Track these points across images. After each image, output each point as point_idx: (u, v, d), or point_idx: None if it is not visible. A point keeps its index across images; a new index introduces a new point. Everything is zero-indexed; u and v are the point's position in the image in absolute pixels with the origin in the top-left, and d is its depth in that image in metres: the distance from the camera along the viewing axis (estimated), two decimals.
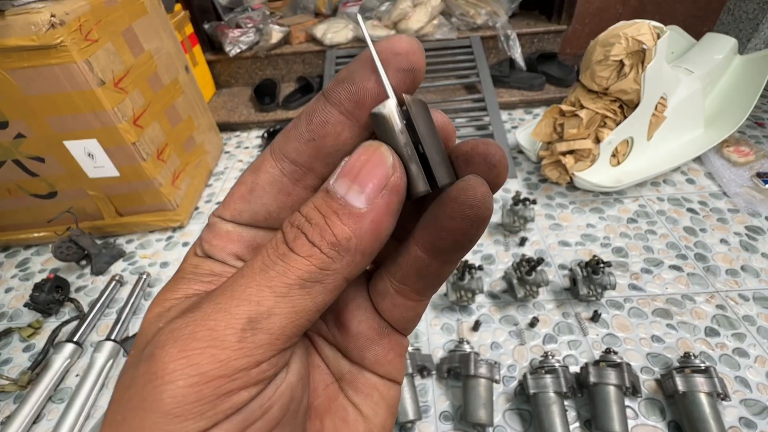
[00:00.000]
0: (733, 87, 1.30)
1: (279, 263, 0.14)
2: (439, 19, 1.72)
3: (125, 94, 0.98)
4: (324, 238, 0.14)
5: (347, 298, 0.18)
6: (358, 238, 0.14)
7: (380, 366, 0.18)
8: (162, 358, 0.12)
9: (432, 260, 0.16)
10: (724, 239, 1.03)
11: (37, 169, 1.04)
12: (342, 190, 0.14)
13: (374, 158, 0.15)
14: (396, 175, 0.15)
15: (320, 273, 0.14)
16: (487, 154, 0.16)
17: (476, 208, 0.14)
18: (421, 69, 0.16)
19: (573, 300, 0.91)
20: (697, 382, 0.70)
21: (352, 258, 0.14)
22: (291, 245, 0.14)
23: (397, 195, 0.15)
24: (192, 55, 1.69)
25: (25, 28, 0.81)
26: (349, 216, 0.14)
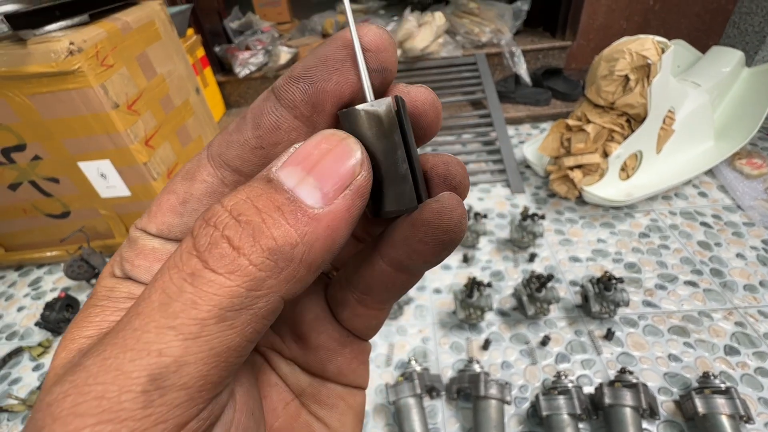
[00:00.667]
0: (742, 99, 1.29)
1: (186, 290, 0.10)
2: (444, 38, 1.75)
3: (138, 116, 1.01)
4: (258, 242, 0.11)
5: (303, 308, 0.16)
6: (307, 245, 0.11)
7: (344, 376, 0.17)
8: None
9: (398, 274, 0.15)
10: (740, 254, 1.00)
11: (51, 190, 1.07)
12: (291, 181, 0.11)
13: (339, 149, 0.12)
14: (363, 175, 0.12)
15: (247, 296, 0.10)
16: (447, 175, 0.14)
17: (451, 233, 0.13)
18: (393, 69, 0.13)
19: (585, 317, 0.89)
20: (719, 403, 0.68)
21: (293, 272, 0.11)
22: (204, 257, 0.11)
23: (362, 199, 0.12)
24: (203, 77, 1.74)
25: (45, 56, 0.84)
26: (299, 215, 0.11)
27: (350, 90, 0.13)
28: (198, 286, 0.10)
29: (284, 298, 0.11)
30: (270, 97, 0.13)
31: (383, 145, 0.13)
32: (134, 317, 0.10)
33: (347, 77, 0.13)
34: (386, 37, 0.13)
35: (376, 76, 0.13)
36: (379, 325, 0.17)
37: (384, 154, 0.13)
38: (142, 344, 0.10)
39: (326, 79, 0.13)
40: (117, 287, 0.13)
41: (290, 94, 0.13)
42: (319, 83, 0.13)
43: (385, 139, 0.13)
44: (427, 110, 0.14)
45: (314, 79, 0.13)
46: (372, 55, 0.13)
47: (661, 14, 1.68)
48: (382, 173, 0.13)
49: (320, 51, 0.13)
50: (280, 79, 0.13)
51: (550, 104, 1.67)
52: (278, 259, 0.11)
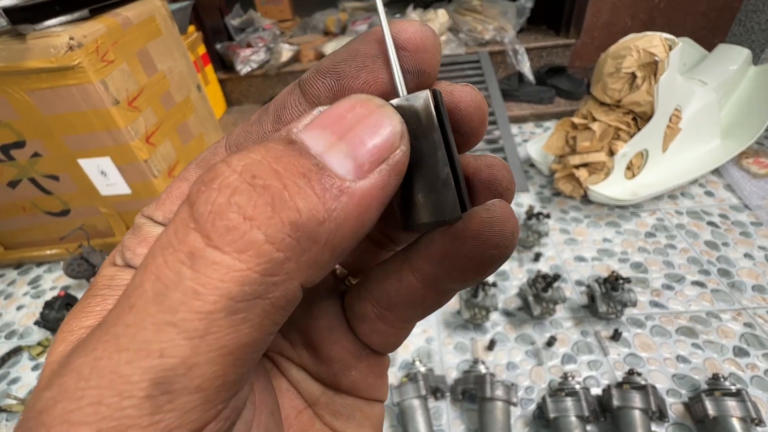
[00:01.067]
0: (749, 98, 1.28)
1: (185, 276, 0.08)
2: (447, 35, 1.73)
3: (138, 113, 1.00)
4: (279, 213, 0.09)
5: (317, 315, 0.15)
6: (336, 224, 0.09)
7: (359, 390, 0.15)
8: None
9: (429, 292, 0.13)
10: (748, 254, 0.99)
11: (51, 187, 1.05)
12: (318, 145, 0.10)
13: (377, 116, 0.10)
14: (402, 150, 0.10)
15: (262, 282, 0.09)
16: (492, 180, 0.12)
17: (502, 247, 0.11)
18: (432, 72, 0.12)
19: (592, 318, 0.88)
20: (729, 406, 0.67)
21: (317, 255, 0.09)
22: (206, 230, 0.09)
23: (398, 178, 0.10)
24: (204, 74, 1.72)
25: (45, 51, 0.83)
26: (329, 186, 0.09)
27: (380, 90, 0.12)
28: (199, 271, 0.08)
29: (304, 286, 0.10)
30: (295, 90, 0.12)
31: (421, 145, 0.11)
32: (126, 310, 0.09)
33: (377, 76, 0.11)
34: (428, 36, 0.11)
35: (410, 78, 0.12)
36: (400, 342, 0.15)
37: (422, 156, 0.11)
38: (139, 343, 0.08)
39: (354, 77, 0.11)
40: (118, 276, 0.12)
41: (315, 89, 0.12)
42: (346, 80, 0.11)
43: (423, 138, 0.11)
44: (472, 113, 0.12)
45: (341, 75, 0.11)
46: (408, 55, 0.11)
47: (667, 12, 1.67)
48: (419, 178, 0.12)
49: (352, 45, 0.12)
50: (308, 72, 0.12)
51: (553, 102, 1.65)
52: (301, 237, 0.09)
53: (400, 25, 0.11)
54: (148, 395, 0.08)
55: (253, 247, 0.08)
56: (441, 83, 0.13)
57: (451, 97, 0.12)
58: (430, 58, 0.12)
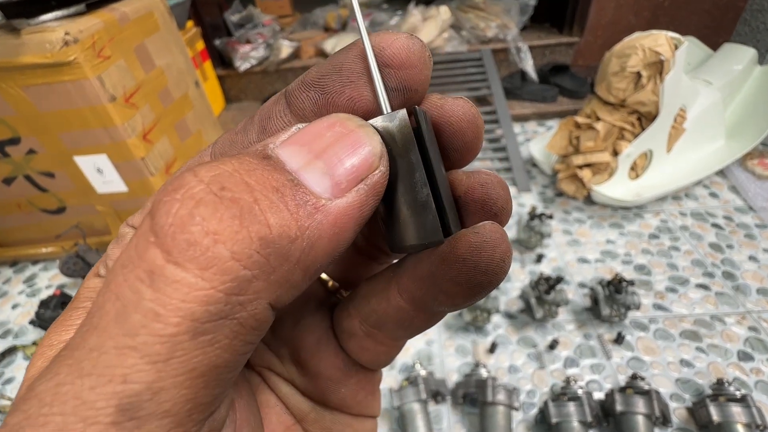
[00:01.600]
0: (754, 98, 1.26)
1: (144, 297, 0.08)
2: (450, 33, 1.71)
3: (136, 110, 0.98)
4: (247, 227, 0.08)
5: (304, 329, 0.14)
6: (309, 242, 0.09)
7: (348, 407, 0.15)
8: None
9: (417, 314, 0.13)
10: (752, 256, 0.98)
11: (47, 185, 1.04)
12: (294, 161, 0.09)
13: (356, 135, 0.10)
14: (381, 170, 0.10)
15: (228, 301, 0.08)
16: (486, 200, 0.11)
17: (491, 274, 0.11)
18: (420, 89, 0.11)
19: (594, 320, 0.87)
20: (734, 411, 0.66)
21: (287, 274, 0.09)
22: (166, 245, 0.08)
23: (375, 199, 0.10)
24: (203, 71, 1.70)
25: (40, 46, 0.82)
26: (303, 203, 0.09)
27: (364, 108, 0.11)
28: (159, 290, 0.08)
29: (274, 307, 0.09)
30: (281, 100, 0.12)
31: (398, 166, 0.11)
32: (89, 332, 0.08)
33: (362, 93, 0.11)
34: (415, 50, 0.11)
35: (396, 96, 0.11)
36: (390, 359, 0.15)
37: (400, 178, 0.11)
38: (102, 368, 0.08)
39: (338, 92, 0.11)
40: None
41: (300, 102, 0.11)
42: (330, 95, 0.11)
43: (399, 158, 0.11)
44: (465, 128, 0.12)
45: (326, 90, 0.11)
46: (393, 73, 0.11)
47: (671, 10, 1.65)
48: (399, 199, 0.11)
49: (337, 58, 0.11)
50: (294, 83, 0.12)
51: (556, 101, 1.64)
52: (271, 254, 0.08)
53: (385, 39, 0.11)
54: (114, 422, 0.08)
55: (216, 264, 0.08)
56: (432, 96, 0.12)
57: (442, 111, 0.12)
58: (417, 74, 0.11)
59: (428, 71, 0.11)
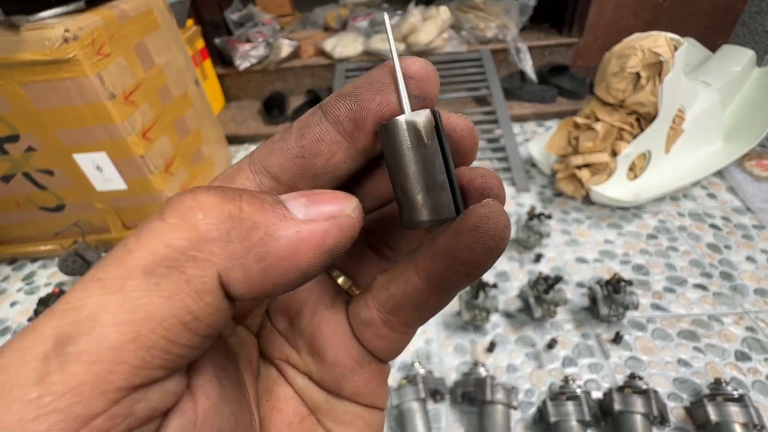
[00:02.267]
0: (752, 100, 1.27)
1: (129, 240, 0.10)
2: (449, 33, 1.72)
3: (135, 108, 0.98)
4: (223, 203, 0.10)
5: (321, 321, 0.16)
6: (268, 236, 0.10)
7: (360, 396, 0.16)
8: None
9: (432, 292, 0.14)
10: (750, 257, 0.98)
11: (45, 182, 1.04)
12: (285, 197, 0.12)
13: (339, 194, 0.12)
14: (352, 218, 0.12)
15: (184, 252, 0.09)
16: (485, 188, 0.14)
17: (497, 239, 0.13)
18: (433, 98, 0.14)
19: (593, 320, 0.87)
20: (731, 411, 0.66)
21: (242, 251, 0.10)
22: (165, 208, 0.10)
23: (340, 237, 0.12)
24: (202, 69, 1.70)
25: (39, 43, 0.81)
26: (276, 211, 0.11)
27: (390, 111, 0.14)
28: (139, 234, 0.10)
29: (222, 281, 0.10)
30: (317, 111, 0.14)
31: (421, 154, 0.13)
32: None
33: (389, 98, 0.13)
34: (430, 70, 0.14)
35: (415, 102, 0.14)
36: (401, 349, 0.16)
37: (422, 163, 0.13)
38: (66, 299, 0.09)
39: (371, 99, 0.13)
40: None
41: (336, 110, 0.13)
42: (363, 102, 0.13)
43: (423, 148, 0.13)
44: (465, 138, 0.15)
45: (360, 98, 0.13)
46: (415, 83, 0.14)
47: (671, 12, 1.65)
48: (420, 182, 0.13)
49: (371, 74, 0.14)
50: (329, 97, 0.14)
51: (556, 102, 1.64)
52: (234, 228, 0.10)
53: (409, 60, 0.14)
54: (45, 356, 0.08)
55: (190, 220, 0.10)
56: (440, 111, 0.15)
57: (448, 121, 0.14)
58: (432, 86, 0.14)
59: (438, 85, 0.14)
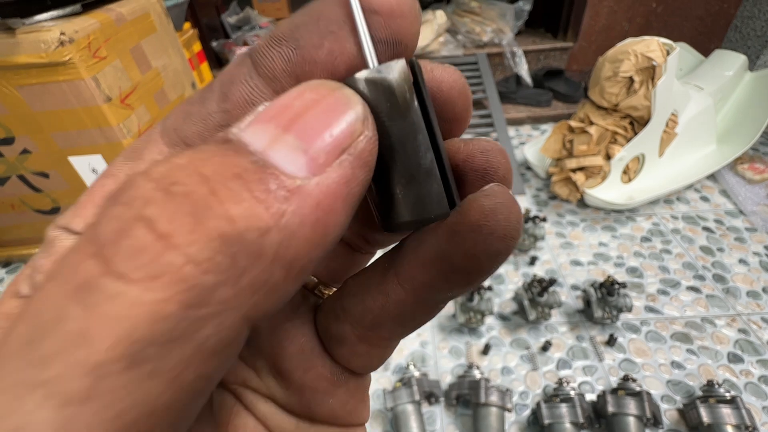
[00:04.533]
0: (744, 104, 1.28)
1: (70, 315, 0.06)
2: (445, 37, 1.73)
3: (131, 111, 0.98)
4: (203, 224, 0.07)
5: (284, 337, 0.13)
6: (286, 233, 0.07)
7: (338, 418, 0.13)
8: None
9: (420, 306, 0.11)
10: (743, 259, 0.99)
11: (41, 185, 1.03)
12: (259, 141, 0.08)
13: (331, 99, 0.08)
14: (367, 135, 0.09)
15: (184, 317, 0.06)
16: (487, 168, 0.10)
17: (507, 238, 0.09)
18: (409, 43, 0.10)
19: (587, 322, 0.88)
20: (723, 413, 0.66)
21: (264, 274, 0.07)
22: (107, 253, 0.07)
23: (365, 170, 0.09)
24: (199, 72, 1.70)
25: (35, 46, 0.81)
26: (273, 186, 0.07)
27: (346, 63, 0.09)
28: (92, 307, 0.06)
29: (250, 319, 0.07)
30: (245, 62, 0.10)
31: (397, 128, 0.09)
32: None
33: (344, 45, 0.09)
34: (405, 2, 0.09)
35: (384, 50, 0.09)
36: (383, 361, 0.13)
37: (399, 141, 0.09)
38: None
39: (316, 45, 0.09)
40: None
41: (269, 61, 0.09)
42: (306, 49, 0.09)
43: (400, 119, 0.09)
44: (455, 98, 0.11)
45: (301, 44, 0.09)
46: (381, 21, 0.09)
47: (664, 17, 1.67)
48: (396, 167, 0.09)
49: (313, 6, 0.09)
50: (261, 40, 0.10)
51: (551, 105, 1.65)
52: (237, 252, 0.07)
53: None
54: None
55: (169, 272, 0.06)
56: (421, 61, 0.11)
57: (432, 75, 0.11)
58: (408, 25, 0.09)
59: (419, 24, 0.10)
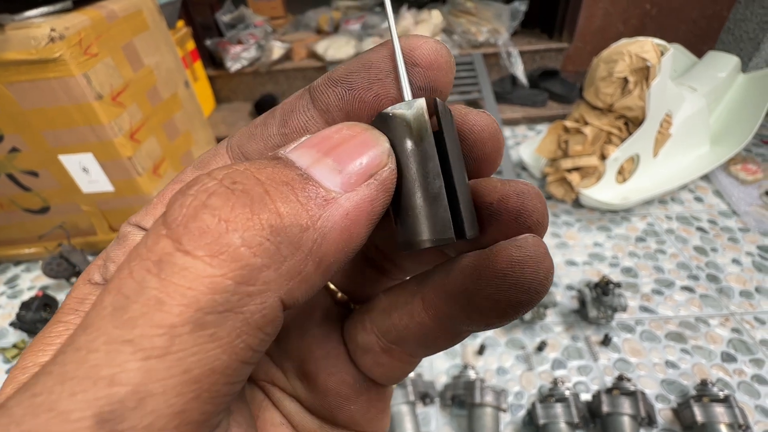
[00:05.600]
0: (737, 105, 1.29)
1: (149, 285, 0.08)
2: (441, 37, 1.73)
3: (123, 108, 0.97)
4: (257, 215, 0.08)
5: (313, 341, 0.14)
6: (320, 233, 0.09)
7: (358, 425, 0.14)
8: None
9: (441, 333, 0.12)
10: (736, 259, 1.00)
11: (30, 184, 1.02)
12: (304, 160, 0.10)
13: (363, 136, 0.10)
14: (390, 167, 0.10)
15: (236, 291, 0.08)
16: (521, 211, 0.11)
17: (533, 292, 0.10)
18: (444, 90, 0.11)
19: (582, 322, 0.88)
20: (717, 412, 0.66)
21: (300, 264, 0.09)
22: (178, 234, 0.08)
23: (386, 195, 0.10)
24: (193, 71, 1.69)
25: (25, 42, 0.80)
26: (312, 195, 0.09)
27: (389, 104, 0.11)
28: (166, 278, 0.08)
29: (285, 303, 0.09)
30: (304, 95, 0.12)
31: (414, 154, 0.11)
32: (80, 332, 0.08)
33: (388, 90, 0.11)
34: (442, 54, 0.11)
35: (421, 95, 0.11)
36: (405, 375, 0.14)
37: (413, 168, 0.11)
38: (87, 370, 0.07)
39: (366, 89, 0.11)
40: (92, 296, 0.11)
41: (325, 97, 0.11)
42: (357, 91, 0.11)
43: (416, 147, 0.11)
44: (486, 140, 0.12)
45: (353, 86, 0.11)
46: (420, 72, 0.11)
47: (659, 19, 1.68)
48: (409, 192, 0.11)
49: (366, 56, 0.11)
50: (319, 79, 0.12)
51: (546, 106, 1.66)
52: (282, 242, 0.08)
53: (416, 41, 0.11)
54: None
55: (227, 251, 0.08)
56: (457, 106, 0.12)
57: (465, 119, 0.12)
58: (443, 76, 0.11)
59: (452, 75, 0.11)
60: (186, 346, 0.07)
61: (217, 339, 0.08)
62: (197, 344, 0.07)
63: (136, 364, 0.07)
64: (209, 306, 0.07)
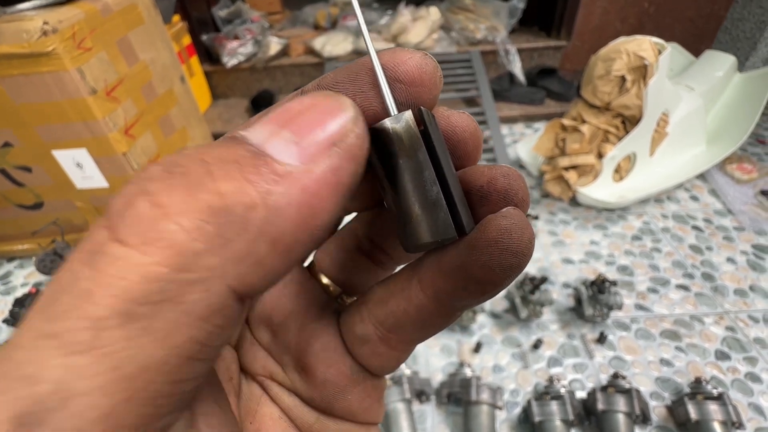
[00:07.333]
0: (733, 104, 1.30)
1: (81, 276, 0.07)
2: (439, 34, 1.72)
3: (118, 104, 0.96)
4: (194, 196, 0.08)
5: (310, 335, 0.14)
6: (272, 210, 0.08)
7: (354, 415, 0.15)
8: None
9: (439, 312, 0.12)
10: (730, 258, 1.00)
11: (23, 179, 1.01)
12: (258, 136, 0.09)
13: (326, 103, 0.10)
14: (356, 133, 0.10)
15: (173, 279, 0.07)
16: (508, 190, 0.12)
17: (520, 255, 0.11)
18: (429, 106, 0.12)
19: (578, 320, 0.88)
20: (711, 410, 0.67)
21: (248, 246, 0.08)
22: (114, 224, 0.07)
23: (354, 163, 0.09)
24: (189, 66, 1.68)
25: (17, 36, 0.79)
26: (263, 170, 0.08)
27: (373, 116, 0.11)
28: (97, 268, 0.07)
29: (237, 291, 0.08)
30: None
31: (408, 165, 0.11)
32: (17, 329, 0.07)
33: (371, 102, 0.11)
34: (427, 70, 0.11)
35: (403, 110, 0.11)
36: (399, 364, 0.15)
37: (409, 178, 0.11)
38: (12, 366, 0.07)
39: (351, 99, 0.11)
40: None
41: None
42: None
43: (408, 159, 0.11)
44: (466, 139, 0.13)
45: None
46: (404, 88, 0.11)
47: (656, 17, 1.68)
48: (410, 199, 0.11)
49: (353, 67, 0.12)
50: (309, 84, 0.12)
51: (544, 104, 1.66)
52: (224, 224, 0.08)
53: (401, 56, 0.11)
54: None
55: (162, 237, 0.07)
56: (439, 108, 0.13)
57: (448, 121, 0.13)
58: (426, 92, 0.11)
59: (437, 91, 0.12)
60: (113, 340, 0.07)
61: (151, 332, 0.07)
62: (127, 338, 0.07)
63: (58, 361, 0.07)
64: (142, 297, 0.07)
